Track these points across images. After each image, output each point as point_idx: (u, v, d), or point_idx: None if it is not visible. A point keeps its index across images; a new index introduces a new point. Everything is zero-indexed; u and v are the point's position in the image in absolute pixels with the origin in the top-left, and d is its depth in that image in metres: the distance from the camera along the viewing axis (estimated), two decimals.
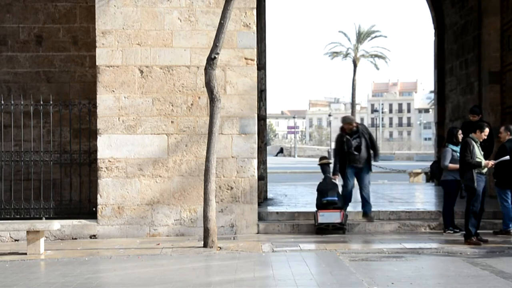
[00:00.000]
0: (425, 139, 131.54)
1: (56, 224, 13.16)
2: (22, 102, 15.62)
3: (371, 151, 15.65)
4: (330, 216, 14.75)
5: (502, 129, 14.86)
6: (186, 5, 14.88)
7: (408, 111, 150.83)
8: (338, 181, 15.49)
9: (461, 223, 14.39)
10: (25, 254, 12.72)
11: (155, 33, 14.84)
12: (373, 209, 15.73)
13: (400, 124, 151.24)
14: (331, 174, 15.55)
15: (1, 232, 14.26)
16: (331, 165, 15.80)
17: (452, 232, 14.64)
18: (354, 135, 15.48)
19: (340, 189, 15.39)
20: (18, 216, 14.91)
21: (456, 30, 23.43)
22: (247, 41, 14.95)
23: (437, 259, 11.96)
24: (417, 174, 30.36)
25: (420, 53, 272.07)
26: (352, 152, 15.38)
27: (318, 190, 15.31)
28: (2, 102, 15.46)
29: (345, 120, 15.77)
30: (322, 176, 15.59)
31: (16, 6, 17.55)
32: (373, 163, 15.84)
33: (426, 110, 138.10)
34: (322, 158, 16.07)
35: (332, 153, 68.59)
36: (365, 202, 15.53)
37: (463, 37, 22.58)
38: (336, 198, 14.99)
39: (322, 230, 14.76)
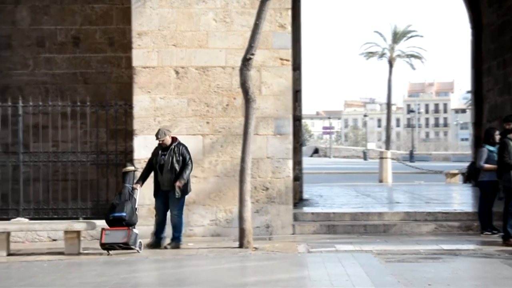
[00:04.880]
0: (462, 139, 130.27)
1: (93, 224, 13.26)
2: (59, 103, 15.77)
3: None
4: (116, 235, 12.75)
5: None
6: (222, 6, 14.90)
7: (445, 111, 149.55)
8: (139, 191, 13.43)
9: (499, 225, 14.22)
10: (63, 253, 12.83)
11: (191, 34, 14.89)
12: (409, 209, 15.58)
13: (436, 124, 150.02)
14: (132, 183, 13.26)
15: (39, 232, 14.40)
16: (137, 173, 13.68)
17: (490, 233, 14.48)
18: (164, 151, 13.43)
19: (136, 204, 13.15)
20: (56, 216, 15.05)
21: (493, 29, 23.18)
22: (282, 41, 14.93)
23: (475, 260, 11.84)
24: (454, 175, 30.09)
25: (457, 53, 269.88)
26: (157, 171, 13.43)
27: (111, 205, 13.19)
28: (40, 103, 15.61)
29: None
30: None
31: (53, 8, 17.74)
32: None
33: (463, 111, 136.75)
34: (125, 165, 13.72)
35: (367, 154, 67.07)
36: (172, 230, 13.49)
37: (500, 37, 22.33)
38: (124, 214, 12.80)
39: (111, 248, 12.84)
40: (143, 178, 13.55)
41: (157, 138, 13.35)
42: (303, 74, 20.33)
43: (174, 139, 13.49)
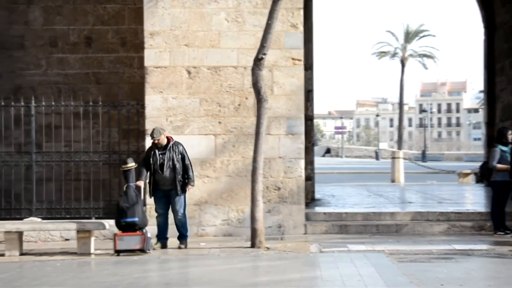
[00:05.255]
0: (475, 139, 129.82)
1: (106, 224, 13.28)
2: (72, 103, 15.81)
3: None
4: (130, 241, 12.66)
5: None
6: (233, 6, 14.91)
7: (457, 111, 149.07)
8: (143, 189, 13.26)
9: None
10: (75, 253, 12.87)
11: (203, 34, 14.90)
12: (422, 209, 15.56)
13: (449, 124, 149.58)
14: (135, 181, 13.06)
15: (52, 232, 14.45)
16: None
17: (503, 233, 14.42)
18: (161, 150, 13.30)
19: (142, 204, 13.09)
20: (68, 216, 15.09)
21: (506, 29, 23.07)
22: (294, 41, 14.92)
23: (488, 260, 11.80)
24: (467, 174, 30.00)
25: (470, 52, 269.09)
26: (157, 170, 13.27)
27: (118, 207, 12.92)
28: (53, 103, 15.66)
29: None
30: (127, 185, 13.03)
31: (66, 8, 17.80)
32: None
33: (476, 110, 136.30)
34: (126, 162, 13.24)
35: (379, 154, 66.94)
36: (178, 231, 13.47)
37: None
38: (136, 219, 12.69)
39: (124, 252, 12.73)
40: (144, 176, 13.31)
41: (152, 138, 13.24)
42: (315, 74, 20.35)
43: (169, 138, 13.40)
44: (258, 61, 13.19)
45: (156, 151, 13.28)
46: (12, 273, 11.16)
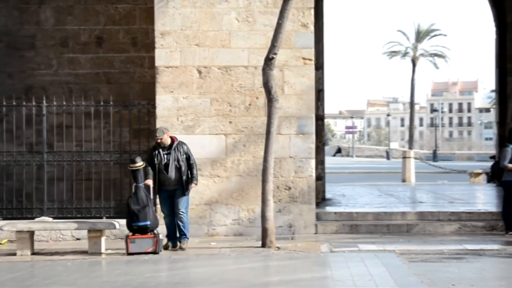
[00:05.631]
0: (486, 139, 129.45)
1: (117, 223, 13.31)
2: (83, 103, 15.85)
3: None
4: (142, 243, 12.62)
5: None
6: (244, 5, 14.91)
7: (469, 110, 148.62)
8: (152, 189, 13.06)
9: None
10: (86, 253, 12.90)
11: (213, 34, 14.91)
12: (433, 209, 15.52)
13: (460, 124, 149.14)
14: (143, 181, 12.89)
15: (63, 231, 14.50)
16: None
17: None
18: (166, 150, 13.20)
19: (153, 205, 12.97)
20: (79, 216, 15.13)
21: None
22: (305, 41, 14.91)
23: (499, 261, 11.77)
24: (478, 174, 29.89)
25: (481, 52, 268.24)
26: (162, 170, 13.14)
27: (128, 209, 12.76)
28: (64, 103, 15.71)
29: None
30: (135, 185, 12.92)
31: (77, 8, 17.85)
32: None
33: (487, 110, 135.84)
34: (133, 161, 12.96)
35: (390, 154, 66.56)
36: (178, 230, 13.29)
37: None
38: (148, 223, 12.60)
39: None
40: (151, 175, 13.11)
41: (156, 137, 13.15)
42: (326, 73, 20.30)
43: (173, 138, 13.31)
44: (268, 60, 13.19)
45: (160, 151, 13.18)
46: (23, 273, 11.20)
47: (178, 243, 13.24)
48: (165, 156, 13.13)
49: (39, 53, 18.00)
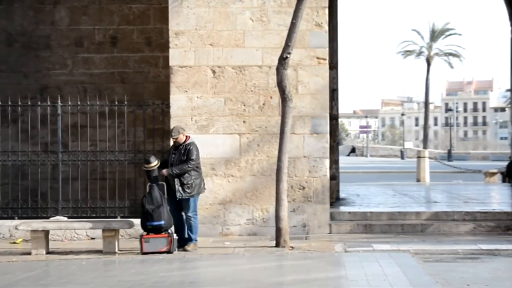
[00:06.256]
0: (501, 138, 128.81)
1: (131, 223, 13.34)
2: (97, 103, 15.90)
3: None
4: (156, 243, 12.60)
5: None
6: (258, 5, 14.91)
7: (484, 110, 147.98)
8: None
9: None
10: (101, 252, 12.94)
11: (227, 34, 14.92)
12: (447, 209, 15.47)
13: (475, 123, 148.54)
14: (158, 180, 12.86)
15: (78, 231, 14.54)
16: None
17: None
18: (175, 150, 13.12)
19: (167, 205, 12.76)
20: (94, 215, 15.18)
21: None
22: (319, 40, 14.89)
23: None
24: (493, 174, 29.75)
25: (496, 51, 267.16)
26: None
27: (143, 208, 12.72)
28: (79, 102, 15.76)
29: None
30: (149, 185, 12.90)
31: (91, 8, 17.92)
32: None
33: (502, 109, 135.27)
34: (148, 161, 12.90)
35: (404, 153, 66.11)
36: (188, 232, 13.14)
37: None
38: (162, 222, 12.55)
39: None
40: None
41: (172, 136, 13.08)
42: (340, 73, 20.29)
43: (186, 138, 13.15)
44: (282, 60, 13.19)
45: (172, 150, 13.19)
46: (38, 272, 11.25)
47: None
48: (173, 155, 13.08)
49: (54, 53, 18.09)
